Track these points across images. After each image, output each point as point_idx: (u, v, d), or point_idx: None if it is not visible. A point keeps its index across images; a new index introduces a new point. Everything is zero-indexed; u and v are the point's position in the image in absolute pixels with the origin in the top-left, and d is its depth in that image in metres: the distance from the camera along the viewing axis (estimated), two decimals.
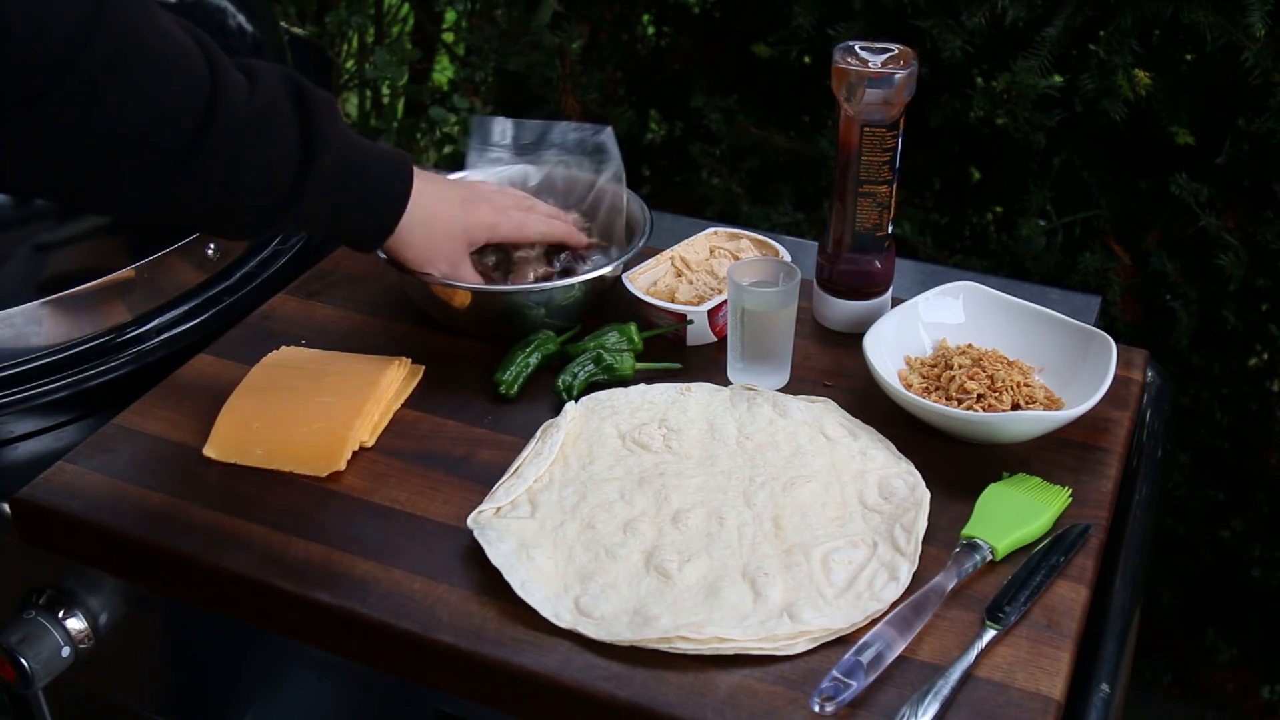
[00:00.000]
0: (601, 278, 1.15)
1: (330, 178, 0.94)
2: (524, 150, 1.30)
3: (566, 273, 1.17)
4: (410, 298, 1.20)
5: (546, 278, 1.16)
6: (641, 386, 1.07)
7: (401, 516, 0.95)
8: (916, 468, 0.99)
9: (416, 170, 1.03)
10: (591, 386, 1.08)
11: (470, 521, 0.93)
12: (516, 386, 1.08)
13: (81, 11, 0.78)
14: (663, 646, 0.83)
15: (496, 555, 0.89)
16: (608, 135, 1.27)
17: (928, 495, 0.94)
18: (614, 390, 1.07)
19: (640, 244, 1.18)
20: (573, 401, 1.05)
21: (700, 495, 0.96)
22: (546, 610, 0.86)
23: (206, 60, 0.85)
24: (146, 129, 0.82)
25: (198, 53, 0.85)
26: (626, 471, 0.98)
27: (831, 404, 1.05)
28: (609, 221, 1.26)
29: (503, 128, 1.31)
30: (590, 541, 0.92)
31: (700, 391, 1.07)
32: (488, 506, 0.94)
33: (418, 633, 0.86)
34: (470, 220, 1.09)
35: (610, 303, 1.20)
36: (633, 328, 1.12)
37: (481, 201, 1.11)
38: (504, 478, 0.98)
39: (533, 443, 1.01)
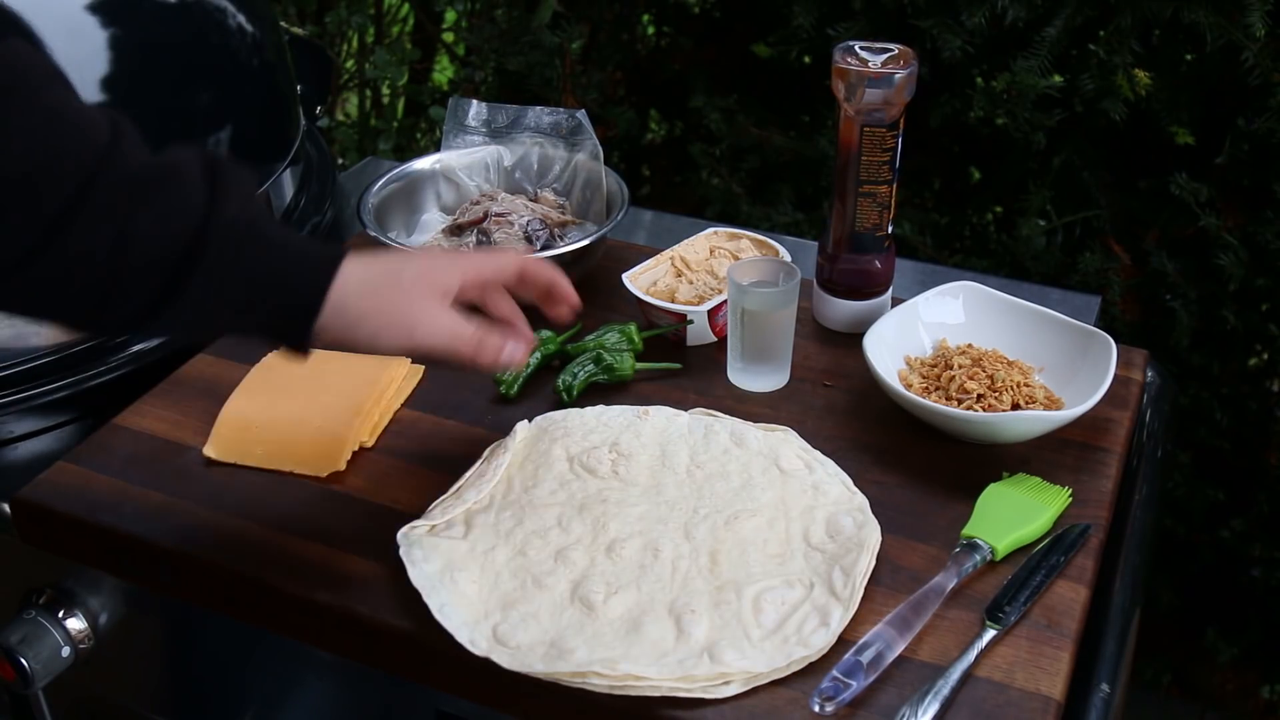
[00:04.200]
0: (581, 250, 1.17)
1: (236, 238, 0.78)
2: (498, 133, 1.32)
3: (546, 249, 1.19)
4: None
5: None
6: (599, 408, 1.05)
7: (401, 516, 0.95)
8: (916, 468, 0.99)
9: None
10: (591, 386, 1.08)
11: (400, 537, 0.91)
12: (516, 386, 1.08)
13: None
14: (575, 681, 0.80)
15: (418, 576, 0.87)
16: (582, 116, 1.29)
17: (876, 535, 0.90)
18: (569, 410, 1.05)
19: (619, 217, 1.21)
20: (525, 421, 1.03)
21: (639, 525, 0.92)
22: (462, 636, 0.83)
23: (111, 125, 0.77)
24: (24, 178, 0.73)
25: (101, 119, 0.77)
26: (569, 497, 0.95)
27: (791, 434, 1.02)
28: (586, 198, 1.28)
29: (477, 110, 1.32)
30: (519, 568, 0.89)
31: (658, 416, 1.04)
32: (421, 524, 0.92)
33: (417, 633, 0.86)
34: (421, 267, 0.86)
35: (610, 303, 1.20)
36: (633, 328, 1.12)
37: (433, 251, 0.93)
38: (443, 496, 0.96)
39: (478, 463, 0.99)
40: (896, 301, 1.15)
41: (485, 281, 0.89)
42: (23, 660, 1.00)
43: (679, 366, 1.12)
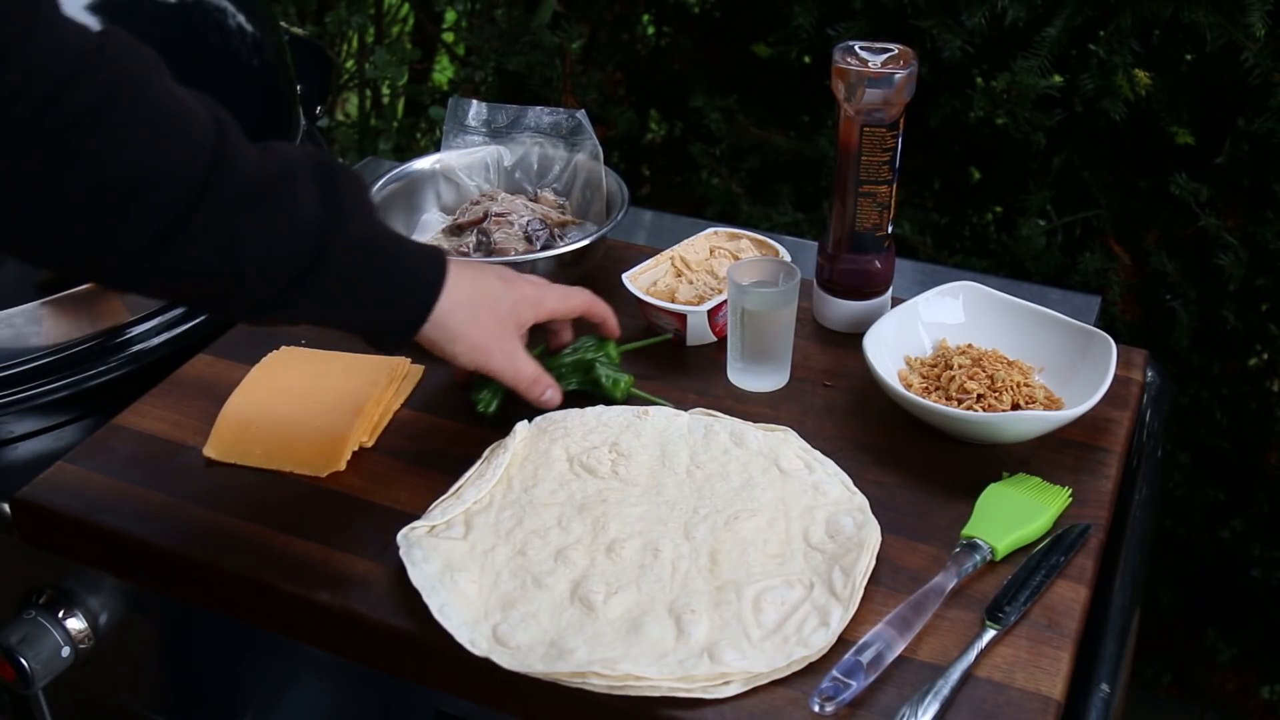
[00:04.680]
0: (581, 250, 1.17)
1: (356, 252, 0.83)
2: (498, 133, 1.32)
3: (546, 249, 1.19)
4: None
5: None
6: (599, 408, 1.05)
7: (401, 516, 0.95)
8: (916, 468, 0.99)
9: (450, 257, 0.93)
10: (583, 396, 1.08)
11: (400, 539, 0.91)
12: (494, 405, 1.05)
13: (77, 52, 0.72)
14: (575, 681, 0.80)
15: (418, 576, 0.87)
16: (582, 116, 1.29)
17: (876, 535, 0.90)
18: (569, 410, 1.04)
19: (619, 217, 1.21)
20: (525, 421, 1.02)
21: (639, 525, 0.92)
22: (462, 636, 0.83)
23: (214, 123, 0.78)
24: (136, 184, 0.74)
25: (204, 114, 0.78)
26: (569, 497, 0.95)
27: (791, 434, 1.01)
28: (586, 198, 1.28)
29: (477, 110, 1.32)
30: (519, 568, 0.89)
31: (658, 416, 1.03)
32: (421, 525, 0.92)
33: (417, 633, 0.86)
34: (516, 297, 0.98)
35: (610, 303, 1.20)
36: (610, 344, 1.08)
37: (519, 279, 1.00)
38: (443, 496, 0.96)
39: (478, 463, 0.99)
40: (896, 301, 1.15)
41: (554, 316, 1.03)
42: (23, 660, 1.00)
43: (669, 336, 1.13)
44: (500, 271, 1.00)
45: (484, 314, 0.94)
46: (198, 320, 1.21)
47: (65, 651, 1.03)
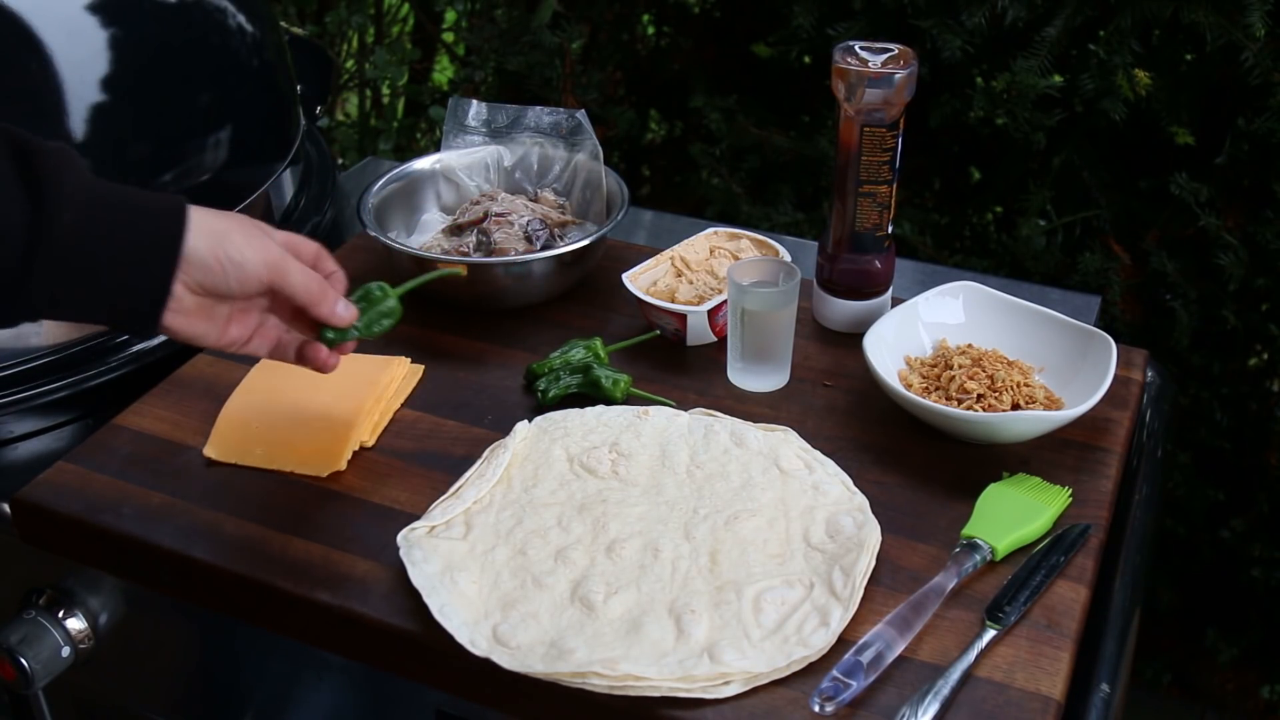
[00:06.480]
0: (581, 250, 1.17)
1: (74, 236, 0.76)
2: (498, 132, 1.32)
3: (546, 249, 1.19)
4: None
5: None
6: (599, 408, 1.05)
7: (401, 516, 0.95)
8: (916, 468, 0.99)
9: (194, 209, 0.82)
10: (583, 397, 1.08)
11: (400, 539, 0.91)
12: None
13: None
14: (575, 681, 0.80)
15: (418, 576, 0.87)
16: (582, 116, 1.29)
17: (876, 535, 0.90)
18: (569, 410, 1.05)
19: (619, 217, 1.21)
20: (525, 421, 1.03)
21: (639, 525, 0.92)
22: (463, 636, 0.83)
23: None
24: None
25: None
26: (569, 497, 0.96)
27: (791, 434, 1.02)
28: (586, 198, 1.28)
29: (477, 110, 1.32)
30: (519, 568, 0.89)
31: (658, 416, 1.04)
32: (421, 525, 0.92)
33: (417, 633, 0.86)
34: (258, 227, 0.85)
35: (610, 303, 1.20)
36: (597, 342, 1.10)
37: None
38: (443, 496, 0.96)
39: (478, 463, 1.00)
40: (896, 301, 1.15)
41: (289, 243, 0.88)
42: (23, 660, 1.00)
43: (657, 332, 1.12)
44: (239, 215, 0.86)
45: (250, 232, 0.83)
46: None
47: (65, 651, 1.03)
